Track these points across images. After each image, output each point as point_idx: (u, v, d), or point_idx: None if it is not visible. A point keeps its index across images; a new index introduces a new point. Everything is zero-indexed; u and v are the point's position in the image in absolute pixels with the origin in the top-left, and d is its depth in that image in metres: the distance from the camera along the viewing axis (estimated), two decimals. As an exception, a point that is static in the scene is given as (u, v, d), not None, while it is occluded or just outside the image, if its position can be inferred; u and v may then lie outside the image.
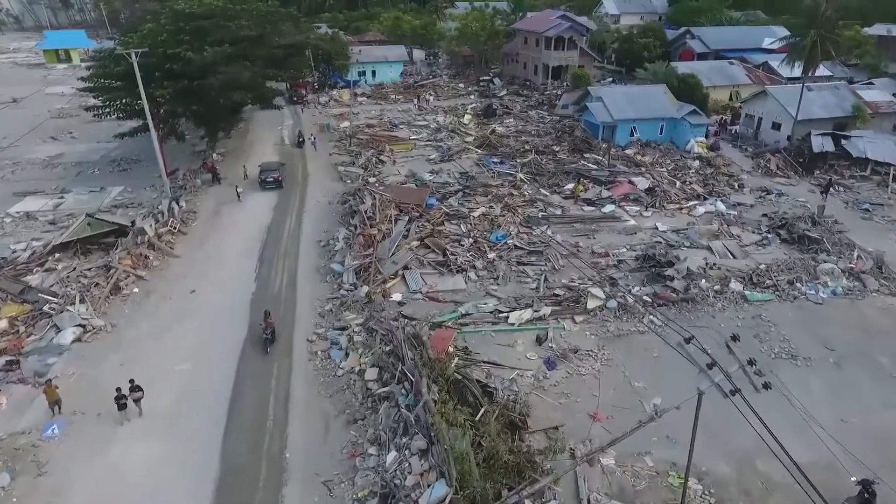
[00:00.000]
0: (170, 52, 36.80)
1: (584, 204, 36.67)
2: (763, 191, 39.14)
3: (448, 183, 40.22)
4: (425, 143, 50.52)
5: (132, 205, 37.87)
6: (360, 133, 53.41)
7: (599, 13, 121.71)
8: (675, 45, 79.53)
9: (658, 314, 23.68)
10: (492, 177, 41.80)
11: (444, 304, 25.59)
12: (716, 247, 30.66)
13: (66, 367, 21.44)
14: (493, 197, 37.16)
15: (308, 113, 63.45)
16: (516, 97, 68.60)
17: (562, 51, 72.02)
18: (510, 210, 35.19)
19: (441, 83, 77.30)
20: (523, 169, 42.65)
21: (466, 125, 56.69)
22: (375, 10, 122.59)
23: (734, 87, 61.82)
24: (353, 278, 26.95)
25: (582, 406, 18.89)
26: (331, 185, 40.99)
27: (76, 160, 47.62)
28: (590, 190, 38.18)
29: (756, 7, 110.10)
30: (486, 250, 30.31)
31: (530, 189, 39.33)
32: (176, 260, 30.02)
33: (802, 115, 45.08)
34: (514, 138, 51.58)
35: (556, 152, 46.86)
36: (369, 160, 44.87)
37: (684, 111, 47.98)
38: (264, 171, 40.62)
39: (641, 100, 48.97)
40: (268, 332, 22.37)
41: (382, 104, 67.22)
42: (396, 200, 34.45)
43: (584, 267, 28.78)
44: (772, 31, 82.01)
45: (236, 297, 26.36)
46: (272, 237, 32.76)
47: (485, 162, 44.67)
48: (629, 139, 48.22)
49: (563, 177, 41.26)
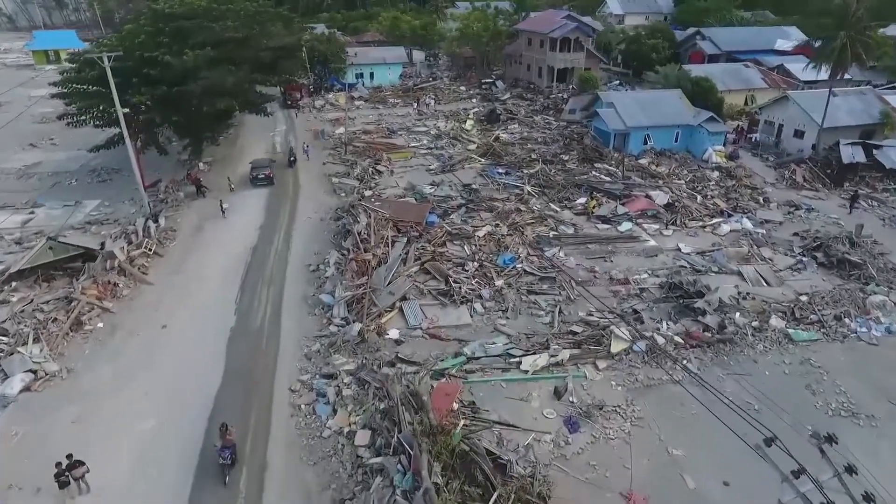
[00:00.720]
0: (147, 55, 33.77)
1: (598, 221, 33.66)
2: (791, 206, 36.16)
3: (450, 197, 37.24)
4: (425, 152, 47.56)
5: (108, 221, 34.87)
6: (357, 140, 50.46)
7: (603, 13, 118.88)
8: (685, 47, 76.55)
9: (691, 356, 20.71)
10: (497, 189, 38.84)
11: (446, 341, 22.65)
12: (747, 272, 27.70)
13: (8, 426, 18.45)
14: (498, 213, 34.19)
15: (302, 117, 60.50)
16: (520, 101, 65.62)
17: (567, 52, 69.02)
18: (518, 229, 32.22)
19: (441, 86, 74.32)
20: (531, 181, 39.67)
21: (469, 131, 53.73)
22: (374, 10, 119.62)
23: (749, 92, 58.87)
24: (345, 312, 23.97)
25: (612, 482, 15.90)
26: (324, 199, 37.98)
27: (53, 169, 44.63)
28: (603, 205, 35.19)
29: (764, 7, 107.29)
30: (493, 276, 27.37)
31: (539, 203, 36.36)
32: (149, 287, 27.00)
33: (828, 122, 42.14)
34: (520, 146, 48.63)
35: (564, 162, 43.90)
36: (365, 171, 41.89)
37: (701, 118, 44.99)
38: (255, 168, 40.59)
39: (655, 106, 45.99)
40: (226, 456, 16.41)
41: (380, 108, 64.24)
42: (394, 218, 31.48)
43: (602, 296, 25.85)
44: (784, 31, 79.29)
45: (213, 333, 23.37)
46: (257, 259, 29.77)
47: (489, 173, 41.68)
48: (642, 147, 45.27)
49: (574, 190, 38.27)
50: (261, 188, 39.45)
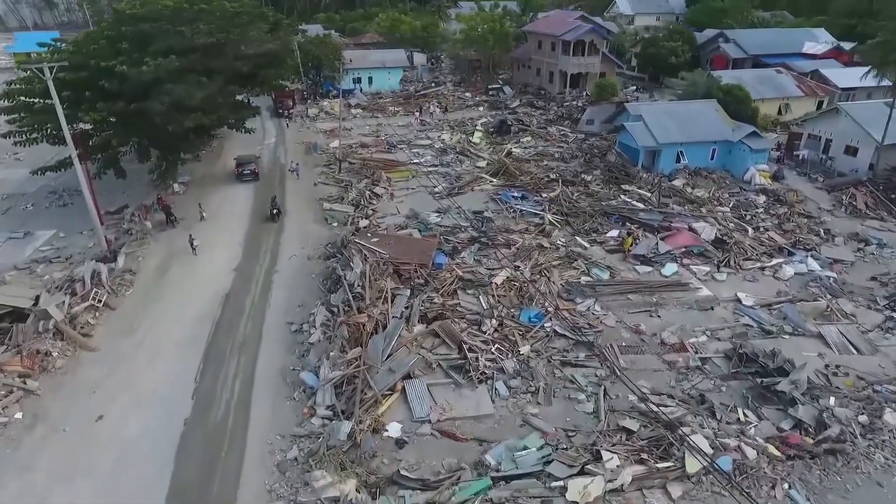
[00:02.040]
0: (103, 65, 28.53)
1: (636, 262, 28.42)
2: (858, 239, 30.95)
3: (459, 227, 32.04)
4: (429, 169, 42.35)
5: (58, 259, 29.71)
6: (353, 155, 45.27)
7: (612, 13, 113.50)
8: (707, 50, 71.17)
9: (794, 477, 15.45)
10: (513, 218, 33.65)
11: (463, 442, 17.45)
12: (830, 335, 22.46)
13: None
14: (518, 251, 28.95)
15: (294, 128, 55.29)
16: (531, 109, 60.35)
17: (582, 56, 63.77)
18: (543, 272, 26.98)
19: (446, 92, 69.05)
20: (551, 207, 34.44)
21: (477, 145, 48.51)
22: (373, 10, 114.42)
23: (784, 100, 53.60)
24: (332, 398, 18.74)
25: None
26: (313, 230, 32.75)
27: (10, 190, 39.44)
28: (640, 240, 29.95)
29: (782, 7, 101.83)
30: (517, 339, 22.16)
31: (562, 237, 31.15)
32: (90, 357, 21.75)
33: (890, 137, 36.86)
34: (535, 163, 43.44)
35: (587, 182, 38.68)
36: (361, 194, 36.66)
37: (742, 133, 39.74)
38: (241, 165, 39.68)
39: (689, 119, 40.73)
40: None
41: (379, 117, 59.00)
42: (394, 261, 26.24)
43: (654, 367, 20.66)
44: (811, 34, 74.01)
45: (161, 429, 18.12)
46: (228, 315, 24.48)
47: (502, 196, 36.43)
48: (674, 166, 40.04)
49: (603, 219, 33.05)
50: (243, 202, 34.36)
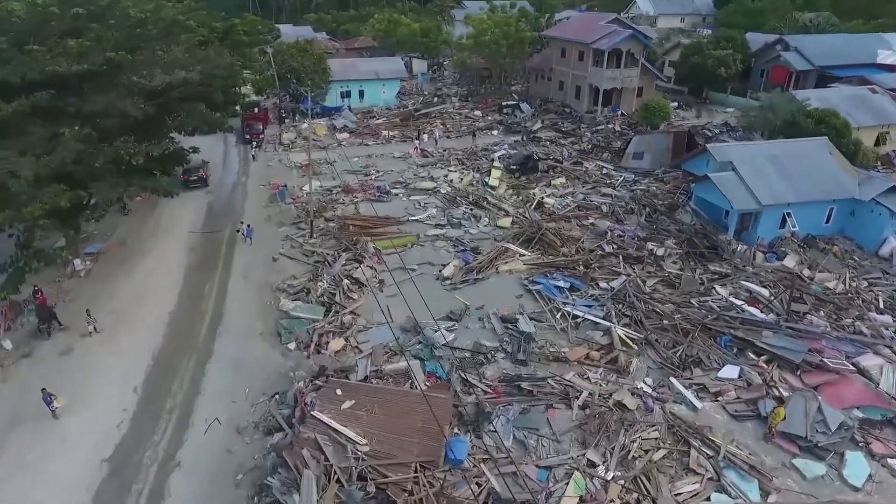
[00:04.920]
0: None
1: (790, 448, 16.85)
2: None
3: (482, 351, 20.57)
4: (434, 231, 30.83)
5: None
6: (332, 206, 33.76)
7: (632, 14, 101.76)
8: (762, 60, 59.49)
9: None
10: (562, 328, 22.19)
11: None
12: None
13: None
14: (588, 419, 17.39)
15: (263, 160, 43.67)
16: (558, 134, 48.74)
17: (617, 68, 52.23)
18: (640, 484, 15.41)
19: (451, 108, 57.41)
20: (617, 311, 22.95)
21: (496, 189, 36.97)
22: (367, 11, 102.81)
23: (884, 128, 42.13)
24: None
25: None
26: (258, 357, 21.17)
27: None
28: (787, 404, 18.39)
29: (824, 8, 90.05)
30: None
31: (648, 379, 19.63)
32: None
33: None
34: (577, 220, 32.01)
35: (659, 259, 27.21)
36: (337, 283, 25.00)
37: (874, 188, 28.27)
38: (188, 171, 35.69)
39: (797, 167, 29.21)
40: None
41: (370, 144, 47.48)
42: (379, 462, 14.69)
43: None
44: (884, 40, 62.34)
45: None
46: None
47: (543, 287, 24.91)
48: (778, 233, 28.65)
49: (705, 337, 21.50)
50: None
